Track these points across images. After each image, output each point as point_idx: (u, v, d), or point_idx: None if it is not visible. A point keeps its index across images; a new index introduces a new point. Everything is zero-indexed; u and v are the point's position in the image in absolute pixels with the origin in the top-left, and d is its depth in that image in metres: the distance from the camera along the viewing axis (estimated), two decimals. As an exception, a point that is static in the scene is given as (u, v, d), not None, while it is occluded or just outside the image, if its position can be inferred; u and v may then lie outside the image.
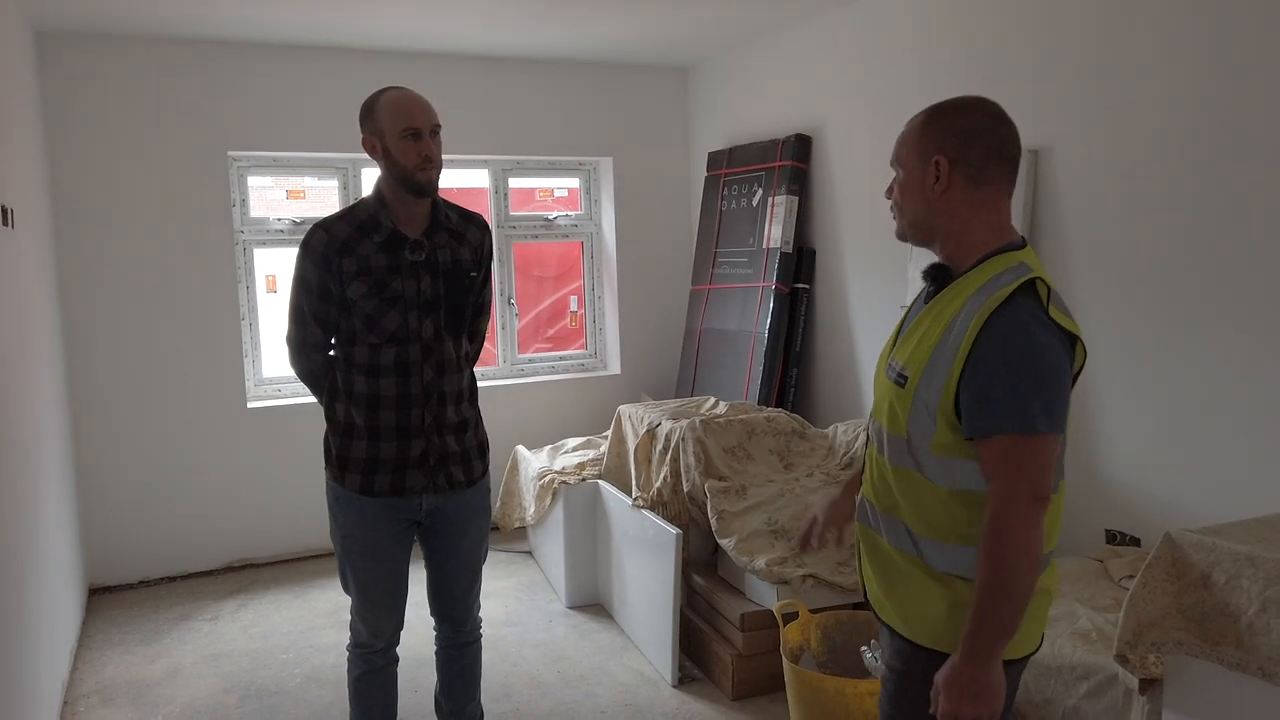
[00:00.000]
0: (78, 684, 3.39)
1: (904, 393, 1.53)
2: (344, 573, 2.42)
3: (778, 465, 3.62)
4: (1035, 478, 1.42)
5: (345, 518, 2.35)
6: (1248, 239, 2.55)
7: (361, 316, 2.25)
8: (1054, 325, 1.44)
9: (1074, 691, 2.25)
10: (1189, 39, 2.67)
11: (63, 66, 4.10)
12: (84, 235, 4.19)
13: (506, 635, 3.71)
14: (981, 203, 1.54)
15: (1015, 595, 1.42)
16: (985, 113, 1.55)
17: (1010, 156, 1.55)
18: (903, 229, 1.63)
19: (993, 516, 1.42)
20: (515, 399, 5.10)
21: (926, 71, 3.65)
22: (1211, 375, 2.67)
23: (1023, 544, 1.41)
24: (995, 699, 1.44)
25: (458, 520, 2.42)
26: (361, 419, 2.28)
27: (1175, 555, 1.87)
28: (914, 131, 1.57)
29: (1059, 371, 1.43)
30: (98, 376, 4.25)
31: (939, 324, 1.52)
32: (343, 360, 2.32)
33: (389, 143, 2.22)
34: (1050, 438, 1.42)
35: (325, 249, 2.24)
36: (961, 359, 1.44)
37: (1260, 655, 1.72)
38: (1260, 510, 2.18)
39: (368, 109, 2.26)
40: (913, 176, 1.57)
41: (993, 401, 1.41)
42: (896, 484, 1.56)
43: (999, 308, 1.43)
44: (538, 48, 4.74)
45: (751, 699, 3.14)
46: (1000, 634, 1.43)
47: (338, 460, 2.33)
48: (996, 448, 1.42)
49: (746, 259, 4.62)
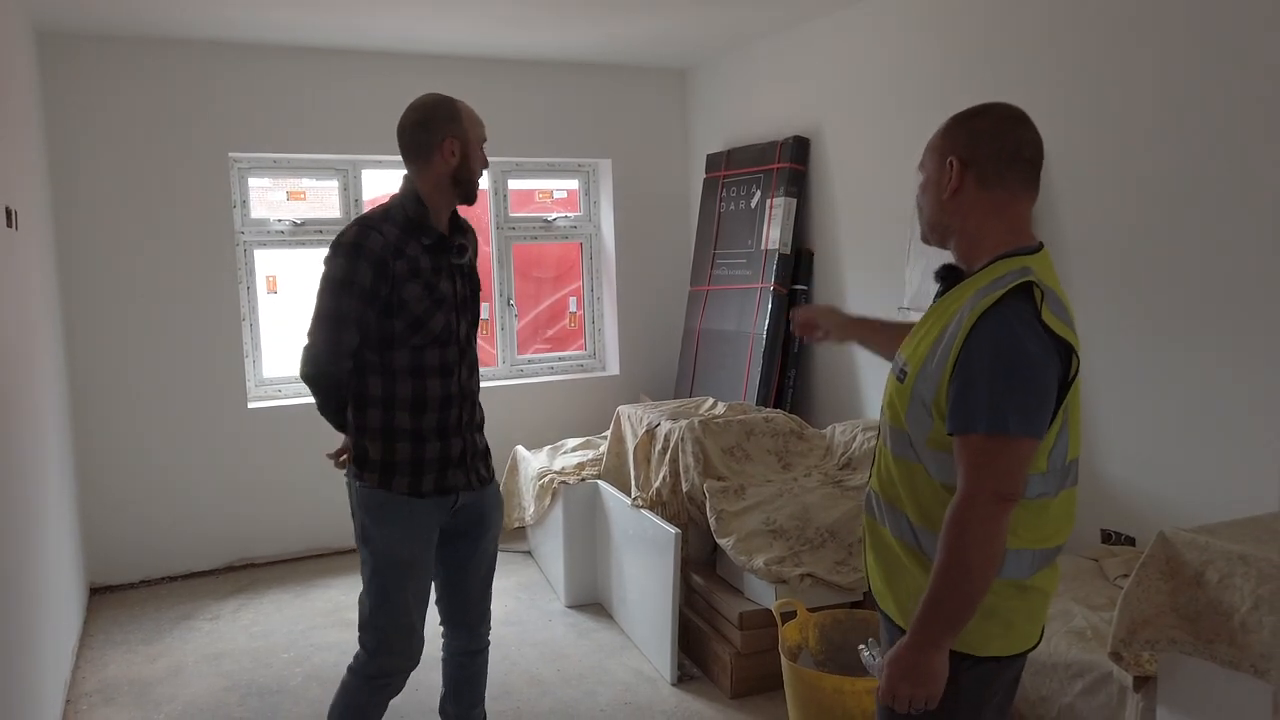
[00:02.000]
0: (79, 683, 3.41)
1: (903, 388, 1.57)
2: (381, 591, 2.29)
3: (776, 465, 3.64)
4: (1002, 477, 1.42)
5: (391, 525, 2.27)
6: (1242, 239, 2.57)
7: (409, 319, 2.22)
8: (1044, 331, 1.44)
9: (1069, 689, 2.27)
10: (1186, 40, 2.69)
11: (64, 68, 4.12)
12: (86, 236, 4.20)
13: (506, 634, 3.73)
14: (994, 205, 1.55)
15: (966, 589, 1.44)
16: (1001, 116, 1.56)
17: (1026, 159, 1.55)
18: (924, 230, 1.67)
19: (954, 510, 1.44)
20: (515, 399, 5.12)
21: (924, 74, 3.67)
22: (1205, 376, 2.69)
23: (979, 540, 1.42)
24: (933, 684, 1.47)
25: (482, 518, 2.44)
26: (407, 422, 2.25)
27: (1169, 554, 1.89)
28: (936, 135, 1.61)
29: (1041, 377, 1.43)
30: (99, 377, 4.27)
31: (940, 323, 1.55)
32: (378, 365, 2.25)
33: (469, 149, 2.27)
34: (1023, 441, 1.42)
35: (382, 250, 2.19)
36: (953, 357, 1.47)
37: (1253, 652, 1.73)
38: (1253, 510, 2.20)
39: (449, 113, 2.27)
40: (930, 178, 1.61)
41: (971, 400, 1.43)
42: (899, 476, 1.59)
43: (989, 309, 1.45)
44: (537, 49, 4.76)
45: (750, 697, 3.16)
46: (947, 624, 1.46)
47: (383, 466, 2.26)
48: (969, 445, 1.44)
49: (745, 260, 4.64)
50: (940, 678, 1.48)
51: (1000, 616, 1.52)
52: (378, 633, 2.30)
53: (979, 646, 1.53)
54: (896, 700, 1.50)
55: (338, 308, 2.19)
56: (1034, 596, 1.55)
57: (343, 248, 2.19)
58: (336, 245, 2.20)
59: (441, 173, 2.26)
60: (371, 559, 2.29)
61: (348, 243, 2.19)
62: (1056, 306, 1.48)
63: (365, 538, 2.30)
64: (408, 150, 2.28)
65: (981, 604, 1.47)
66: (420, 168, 2.27)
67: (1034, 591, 1.54)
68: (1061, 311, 1.49)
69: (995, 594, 1.49)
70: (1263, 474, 2.53)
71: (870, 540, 1.70)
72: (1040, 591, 1.56)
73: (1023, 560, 1.52)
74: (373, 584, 2.30)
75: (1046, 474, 1.50)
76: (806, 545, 3.19)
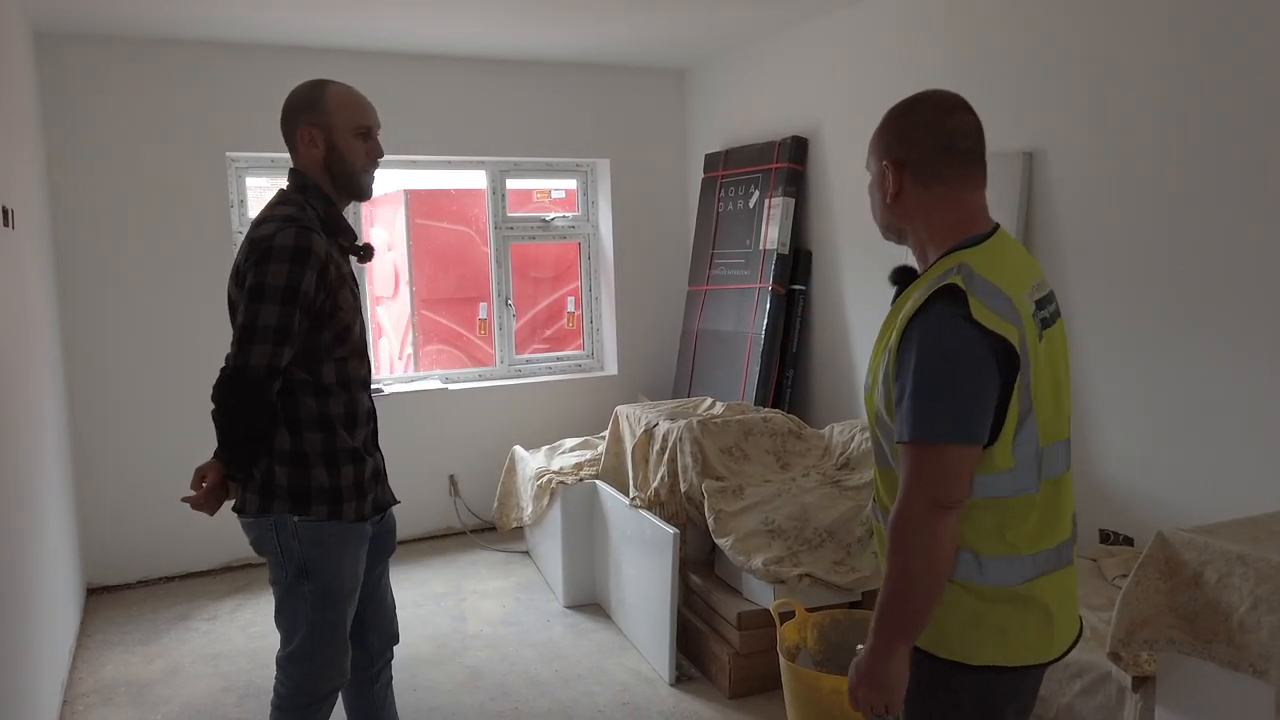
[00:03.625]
0: (77, 683, 3.40)
1: (869, 399, 1.55)
2: (325, 624, 2.11)
3: (774, 465, 3.64)
4: (936, 485, 1.39)
5: (340, 557, 2.11)
6: (1239, 239, 2.57)
7: (338, 329, 2.06)
8: (975, 330, 1.37)
9: (1068, 689, 2.27)
10: (1181, 39, 2.69)
11: (62, 67, 4.11)
12: (83, 236, 4.19)
13: (504, 635, 3.73)
14: (936, 202, 1.50)
15: (910, 595, 1.41)
16: (930, 107, 1.51)
17: (962, 150, 1.49)
18: (881, 230, 1.64)
19: (894, 518, 1.43)
20: (513, 399, 5.12)
21: (922, 74, 3.67)
22: (1203, 375, 2.69)
23: (918, 548, 1.40)
24: (889, 689, 1.45)
25: (392, 528, 2.36)
26: (347, 441, 2.10)
27: (1168, 554, 1.89)
28: (874, 133, 1.57)
29: (968, 381, 1.38)
30: (96, 376, 4.26)
31: (888, 330, 1.51)
32: (310, 383, 2.05)
33: (337, 139, 2.08)
34: (954, 448, 1.38)
35: (325, 254, 2.01)
36: (891, 367, 1.45)
37: (1251, 652, 1.74)
38: (1252, 509, 2.20)
39: (309, 100, 2.09)
40: (874, 180, 1.58)
41: (903, 409, 1.40)
42: (882, 485, 1.58)
43: (914, 315, 1.41)
44: (535, 49, 4.76)
45: (748, 698, 3.15)
46: (897, 630, 1.43)
47: (330, 494, 2.06)
48: (906, 453, 1.42)
49: (743, 260, 4.64)
50: (897, 683, 1.45)
51: (990, 624, 1.46)
52: (318, 661, 2.12)
53: (969, 655, 1.47)
54: (858, 703, 1.49)
55: (280, 320, 1.95)
56: (1032, 608, 1.47)
57: (284, 251, 1.95)
58: (273, 249, 1.95)
59: (309, 164, 2.10)
60: (314, 594, 2.09)
61: (289, 246, 1.95)
62: (995, 299, 1.40)
63: (307, 573, 2.08)
64: (285, 141, 2.15)
65: (966, 609, 1.45)
66: (296, 160, 2.13)
67: (1031, 603, 1.47)
68: (1001, 304, 1.40)
69: (981, 600, 1.45)
70: (1261, 474, 2.54)
71: (878, 543, 1.70)
72: (1038, 604, 1.47)
73: (1007, 567, 1.45)
74: (316, 617, 2.10)
75: (1016, 469, 1.43)
76: (805, 545, 3.19)
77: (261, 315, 1.95)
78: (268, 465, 2.06)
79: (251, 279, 1.96)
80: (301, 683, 2.14)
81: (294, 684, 2.14)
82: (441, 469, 4.97)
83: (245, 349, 1.97)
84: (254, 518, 2.09)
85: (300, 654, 2.12)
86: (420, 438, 4.86)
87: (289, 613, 2.13)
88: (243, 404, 1.99)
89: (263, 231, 1.99)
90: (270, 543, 2.09)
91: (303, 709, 2.15)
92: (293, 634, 2.13)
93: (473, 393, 5.06)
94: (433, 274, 5.87)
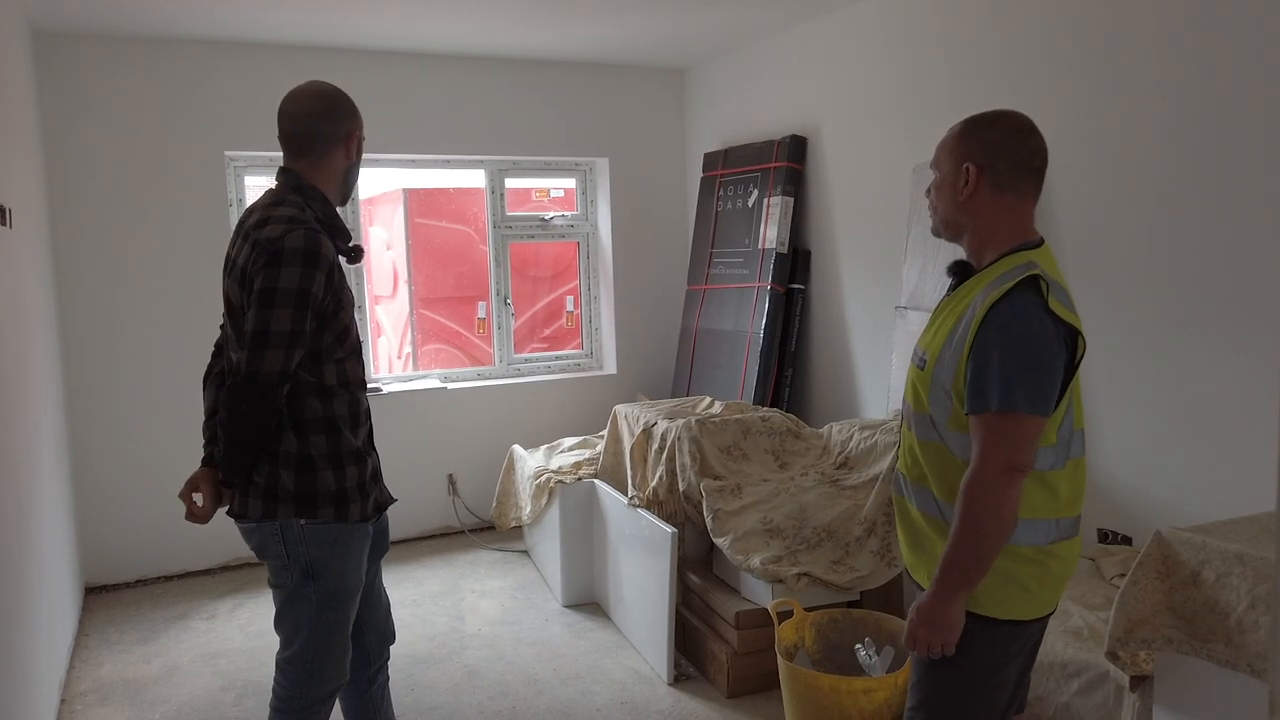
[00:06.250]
0: (74, 683, 3.40)
1: (924, 375, 1.72)
2: (329, 626, 2.11)
3: (773, 464, 3.64)
4: (1012, 450, 1.57)
5: (345, 558, 2.10)
6: (1242, 239, 2.57)
7: (339, 329, 2.06)
8: (1051, 317, 1.59)
9: (1066, 689, 2.27)
10: (1176, 40, 2.69)
11: (60, 66, 4.11)
12: (81, 235, 4.19)
13: (503, 634, 3.73)
14: (1004, 207, 1.71)
15: (979, 548, 1.59)
16: (1015, 125, 1.71)
17: (1036, 168, 1.71)
18: (936, 225, 1.81)
19: (969, 479, 1.60)
20: (511, 398, 5.12)
21: (921, 74, 3.67)
22: (1202, 375, 2.69)
23: (992, 506, 1.57)
24: (948, 631, 1.64)
25: (386, 529, 2.35)
26: (352, 442, 2.10)
27: (1166, 553, 1.89)
28: (951, 139, 1.75)
29: (1047, 360, 1.58)
30: (95, 376, 4.26)
31: (954, 314, 1.70)
32: (314, 385, 2.04)
33: (359, 145, 2.16)
34: (1030, 418, 1.57)
35: (334, 257, 2.01)
36: (968, 345, 1.61)
37: (1249, 652, 1.74)
38: (1249, 509, 2.20)
39: (352, 105, 2.15)
40: (945, 179, 1.75)
41: (985, 382, 1.58)
42: (924, 457, 1.73)
43: (1000, 300, 1.59)
44: (534, 48, 4.75)
45: (747, 697, 3.16)
46: (962, 579, 1.62)
47: (337, 497, 2.06)
48: (983, 422, 1.59)
49: (742, 259, 4.64)
50: (956, 626, 1.64)
51: (1018, 581, 1.66)
52: (319, 664, 2.12)
53: (999, 610, 1.66)
54: (917, 644, 1.68)
55: (293, 325, 1.93)
56: (1053, 564, 1.67)
57: (296, 255, 1.93)
58: (283, 252, 1.93)
59: (336, 169, 2.11)
60: (320, 596, 2.09)
61: (300, 249, 1.93)
62: (1061, 295, 1.64)
63: (314, 576, 2.07)
64: (303, 142, 2.09)
65: (1000, 569, 1.63)
66: (313, 162, 2.09)
67: (1053, 559, 1.67)
68: (1065, 299, 1.65)
69: (1013, 560, 1.64)
70: (1259, 473, 2.54)
71: (899, 517, 1.85)
72: (1060, 559, 1.69)
73: (1039, 529, 1.66)
74: (321, 619, 2.10)
75: (1056, 446, 1.65)
76: (803, 544, 3.19)
77: (274, 320, 1.92)
78: (271, 469, 2.03)
79: (261, 282, 1.94)
80: (302, 685, 2.13)
81: (294, 686, 2.13)
82: (440, 468, 4.98)
83: (258, 355, 1.93)
84: (257, 522, 2.07)
85: (302, 656, 2.11)
86: (419, 437, 4.86)
87: (292, 616, 2.12)
88: (256, 410, 1.96)
89: (268, 233, 1.96)
90: (275, 547, 2.07)
91: (302, 711, 2.14)
92: (295, 637, 2.12)
93: (472, 392, 5.06)
94: (431, 273, 5.87)
